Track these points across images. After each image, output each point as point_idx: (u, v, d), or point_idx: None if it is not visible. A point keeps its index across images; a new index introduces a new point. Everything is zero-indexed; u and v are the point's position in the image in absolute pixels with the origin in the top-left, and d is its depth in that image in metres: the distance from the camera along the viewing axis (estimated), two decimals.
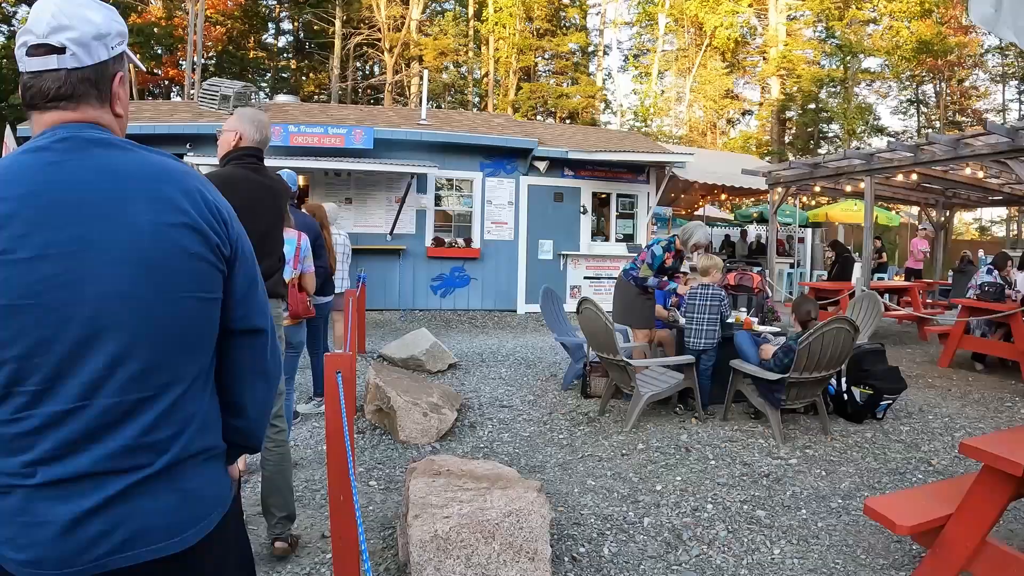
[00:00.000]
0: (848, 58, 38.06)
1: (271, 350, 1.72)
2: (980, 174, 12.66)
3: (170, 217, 1.43)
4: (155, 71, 33.04)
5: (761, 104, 45.43)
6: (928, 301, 15.56)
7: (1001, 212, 39.92)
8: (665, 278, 7.68)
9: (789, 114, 43.29)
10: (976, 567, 3.32)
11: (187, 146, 12.80)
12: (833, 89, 39.94)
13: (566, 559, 4.00)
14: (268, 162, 12.11)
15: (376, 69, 42.64)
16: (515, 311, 15.34)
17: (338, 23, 36.97)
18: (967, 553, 3.30)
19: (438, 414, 6.26)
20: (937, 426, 6.96)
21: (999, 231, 42.59)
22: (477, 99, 43.22)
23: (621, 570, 3.91)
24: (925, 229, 18.05)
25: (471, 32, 41.63)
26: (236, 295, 1.59)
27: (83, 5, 1.46)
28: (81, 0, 1.47)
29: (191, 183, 1.51)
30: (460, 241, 14.99)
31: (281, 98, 20.04)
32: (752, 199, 23.25)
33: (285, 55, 43.77)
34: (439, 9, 44.77)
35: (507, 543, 3.41)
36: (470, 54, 42.32)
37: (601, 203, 16.47)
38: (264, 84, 40.21)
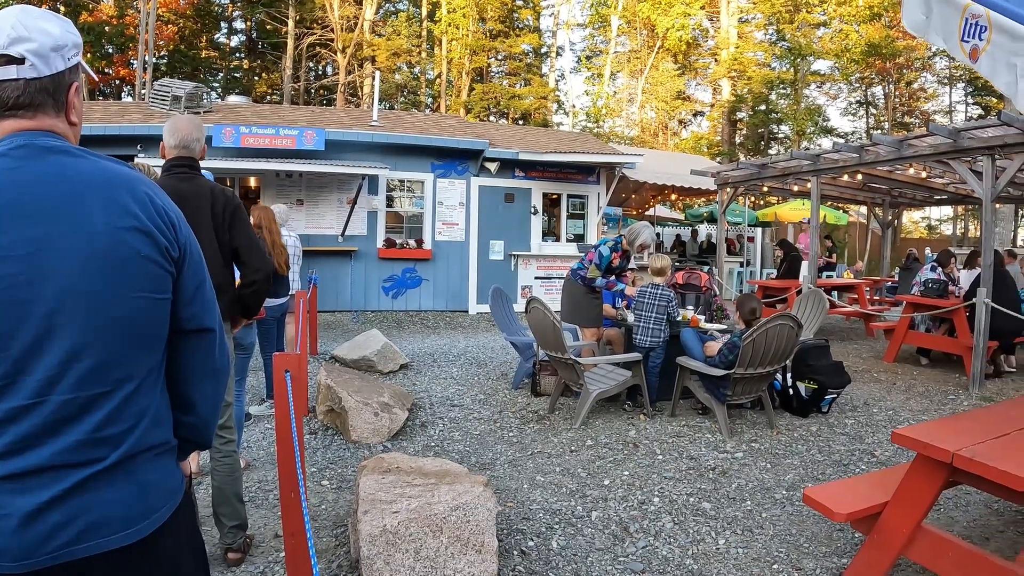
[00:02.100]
0: (798, 60, 38.63)
1: (219, 348, 1.77)
2: (924, 174, 12.90)
3: (122, 221, 1.48)
4: (106, 70, 32.43)
5: (712, 105, 45.93)
6: (875, 298, 15.86)
7: (948, 211, 40.89)
8: (613, 278, 7.76)
9: (740, 115, 43.90)
10: (913, 552, 3.41)
11: (137, 147, 12.62)
12: (783, 91, 40.54)
13: (515, 552, 4.04)
14: (217, 164, 11.85)
15: (329, 69, 42.35)
16: (467, 311, 15.38)
17: (291, 23, 36.67)
18: (903, 539, 3.38)
19: (389, 414, 6.28)
20: (881, 419, 7.14)
21: (947, 229, 43.60)
22: (430, 100, 43.18)
23: (569, 562, 3.96)
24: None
25: (424, 33, 41.52)
26: (184, 296, 1.63)
27: (41, 18, 1.52)
28: (39, 13, 1.52)
29: (141, 188, 1.56)
30: (412, 242, 14.99)
31: (233, 99, 19.82)
32: (703, 199, 23.52)
33: (237, 55, 43.31)
34: (392, 10, 44.50)
35: (455, 536, 3.45)
36: (423, 55, 42.17)
37: (552, 203, 16.58)
38: (216, 84, 39.77)
